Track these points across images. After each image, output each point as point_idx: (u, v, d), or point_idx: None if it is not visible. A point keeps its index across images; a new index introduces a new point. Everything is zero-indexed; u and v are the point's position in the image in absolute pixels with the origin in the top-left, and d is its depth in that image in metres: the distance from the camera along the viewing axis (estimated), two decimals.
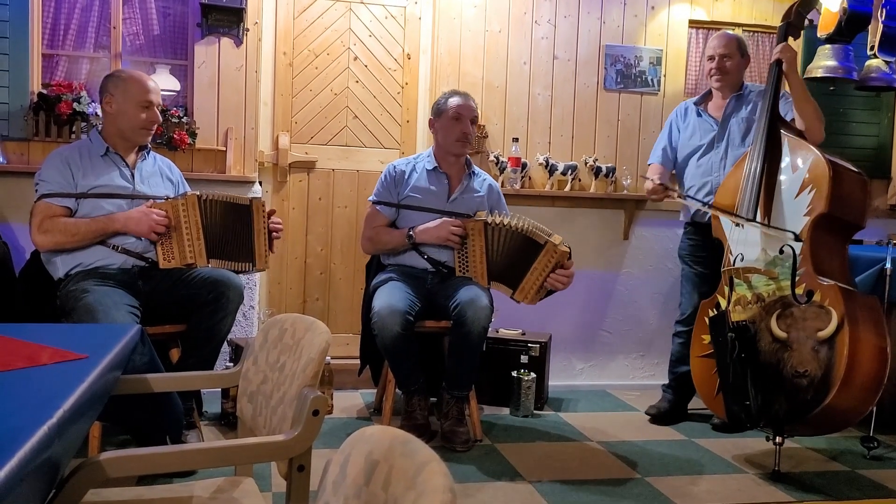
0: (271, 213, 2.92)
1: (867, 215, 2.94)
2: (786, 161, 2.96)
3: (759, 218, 2.93)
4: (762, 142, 2.99)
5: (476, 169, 3.34)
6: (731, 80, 3.41)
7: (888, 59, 3.74)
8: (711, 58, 3.41)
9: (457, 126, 3.16)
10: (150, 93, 2.78)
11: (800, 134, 3.04)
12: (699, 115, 3.49)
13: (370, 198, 3.28)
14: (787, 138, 2.99)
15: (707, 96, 3.55)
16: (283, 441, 1.36)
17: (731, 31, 3.57)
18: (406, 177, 3.23)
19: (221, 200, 2.82)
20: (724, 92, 3.43)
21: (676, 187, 3.47)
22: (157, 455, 1.31)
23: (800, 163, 2.90)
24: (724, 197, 3.14)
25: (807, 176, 2.86)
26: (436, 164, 3.23)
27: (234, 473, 1.69)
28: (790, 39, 3.21)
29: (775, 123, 3.03)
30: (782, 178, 2.95)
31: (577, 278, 4.14)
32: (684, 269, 3.59)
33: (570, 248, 3.04)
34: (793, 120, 3.15)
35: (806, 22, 3.29)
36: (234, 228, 2.84)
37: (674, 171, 3.59)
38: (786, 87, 3.25)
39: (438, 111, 3.23)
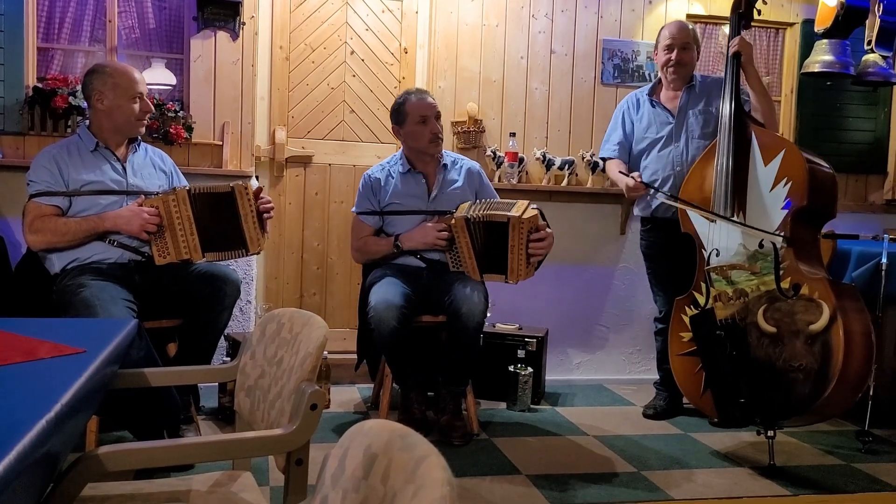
0: (258, 192, 2.81)
1: (837, 206, 2.97)
2: (756, 154, 2.94)
3: (734, 213, 2.93)
4: (730, 136, 2.97)
5: (451, 158, 3.28)
6: (687, 72, 3.36)
7: (885, 54, 3.75)
8: (670, 48, 3.31)
9: (425, 129, 3.10)
10: (138, 84, 2.77)
11: (762, 125, 3.05)
12: (653, 105, 3.42)
13: (353, 209, 3.27)
14: (754, 130, 2.98)
15: (657, 86, 3.48)
16: (281, 435, 1.36)
17: (684, 21, 3.48)
18: (382, 183, 3.19)
19: (208, 192, 2.77)
20: (677, 83, 3.37)
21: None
22: (154, 449, 1.31)
23: (771, 155, 2.90)
24: (693, 192, 3.12)
25: (780, 168, 2.86)
26: (409, 167, 3.19)
27: (232, 467, 1.69)
28: (744, 31, 3.20)
29: (741, 116, 3.03)
30: (755, 171, 2.93)
31: (575, 273, 4.17)
32: (652, 268, 3.53)
33: (537, 209, 2.98)
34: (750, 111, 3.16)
35: (755, 13, 3.25)
36: (223, 218, 2.77)
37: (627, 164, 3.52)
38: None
39: (399, 118, 3.16)
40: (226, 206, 2.77)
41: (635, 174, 3.26)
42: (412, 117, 3.12)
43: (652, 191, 3.25)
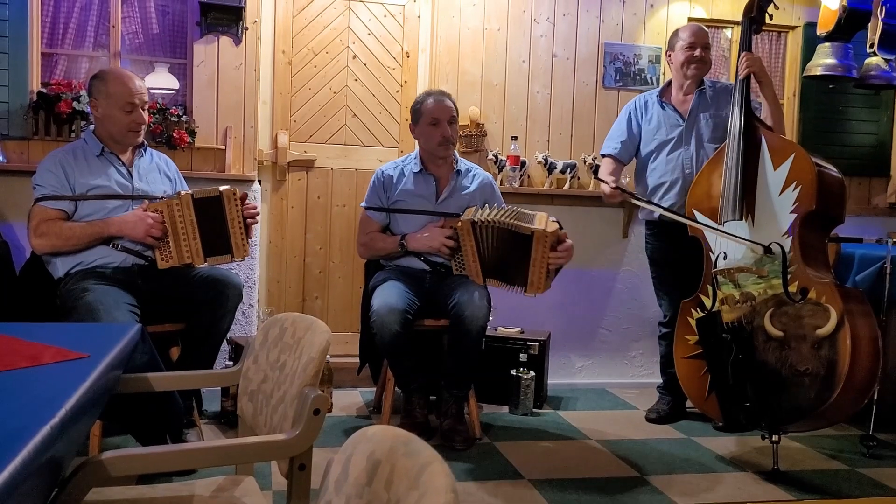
0: (243, 197, 2.80)
1: (846, 210, 2.97)
2: (765, 158, 2.94)
3: (743, 217, 2.92)
4: (740, 140, 2.97)
5: (465, 165, 3.29)
6: (706, 71, 3.38)
7: (888, 57, 3.74)
8: (693, 46, 3.31)
9: (435, 131, 3.11)
10: (133, 94, 2.73)
11: (770, 129, 3.06)
12: (663, 107, 3.41)
13: (362, 204, 3.28)
14: (764, 134, 2.99)
15: (666, 89, 3.47)
16: (284, 440, 1.36)
17: (699, 24, 3.55)
18: (394, 181, 3.20)
19: (204, 197, 2.75)
20: (693, 85, 3.37)
21: (632, 189, 3.46)
22: (158, 454, 1.31)
23: (780, 159, 2.90)
24: (700, 196, 3.13)
25: (790, 173, 2.86)
26: (422, 167, 3.20)
27: (235, 472, 1.69)
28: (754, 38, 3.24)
29: (751, 121, 3.03)
30: (764, 175, 2.93)
31: (577, 276, 4.17)
32: (657, 272, 3.52)
33: (558, 221, 2.96)
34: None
35: (767, 17, 3.26)
36: (216, 223, 2.76)
37: (626, 164, 3.54)
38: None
39: (416, 116, 3.18)
40: (216, 210, 2.76)
41: (607, 177, 3.26)
42: (425, 118, 3.13)
43: (630, 197, 3.26)
